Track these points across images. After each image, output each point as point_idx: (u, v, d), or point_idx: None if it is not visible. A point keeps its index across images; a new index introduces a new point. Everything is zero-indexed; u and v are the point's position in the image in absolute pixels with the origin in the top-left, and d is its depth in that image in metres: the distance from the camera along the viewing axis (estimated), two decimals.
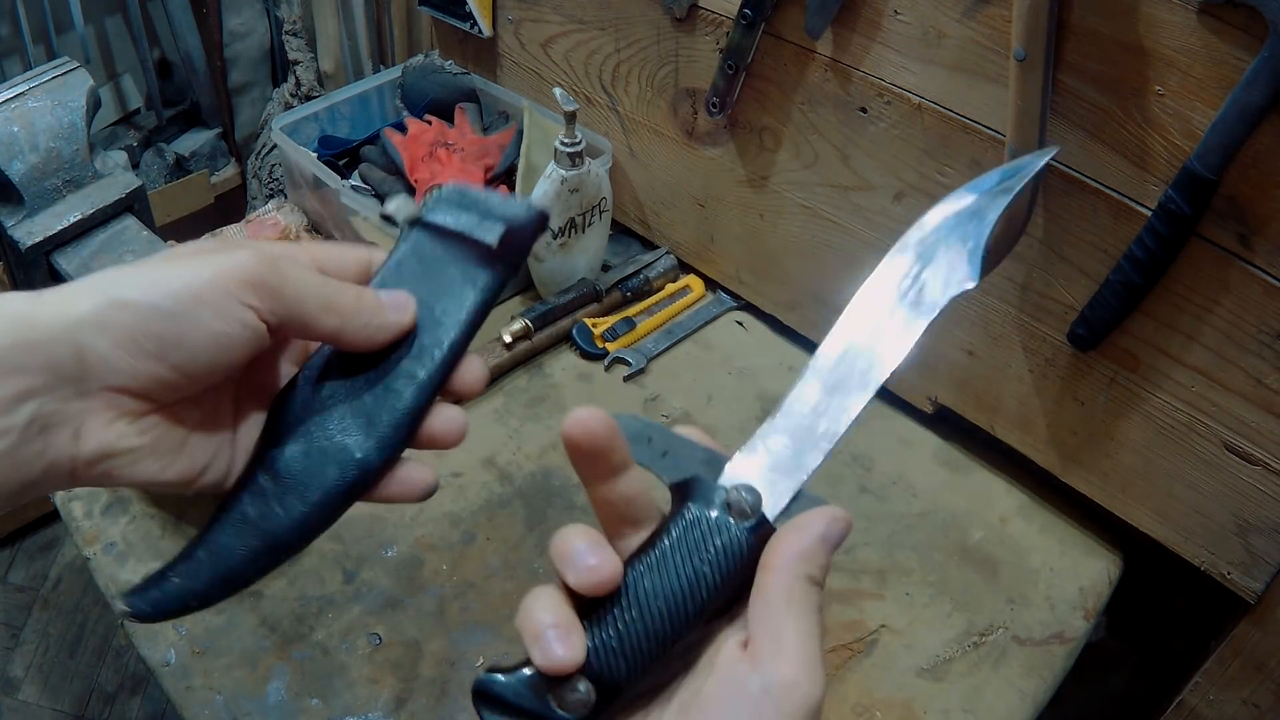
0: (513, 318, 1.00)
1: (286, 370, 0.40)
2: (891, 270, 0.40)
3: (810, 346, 1.03)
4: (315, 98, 1.51)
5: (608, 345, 1.03)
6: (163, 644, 0.76)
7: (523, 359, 1.01)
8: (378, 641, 0.77)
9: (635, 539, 0.38)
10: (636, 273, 1.09)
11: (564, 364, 1.03)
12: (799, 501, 0.38)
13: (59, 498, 0.87)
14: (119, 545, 0.83)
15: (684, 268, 1.12)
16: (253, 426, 0.39)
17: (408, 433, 0.39)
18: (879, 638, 0.80)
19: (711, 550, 0.35)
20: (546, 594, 0.35)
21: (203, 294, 0.33)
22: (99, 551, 0.83)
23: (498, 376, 1.00)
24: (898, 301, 0.39)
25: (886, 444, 0.96)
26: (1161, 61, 0.64)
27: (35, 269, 0.82)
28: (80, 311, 0.32)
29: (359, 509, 0.39)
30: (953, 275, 0.39)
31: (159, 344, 0.33)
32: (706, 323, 1.08)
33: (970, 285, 0.39)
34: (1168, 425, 0.76)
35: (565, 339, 1.04)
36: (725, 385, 1.01)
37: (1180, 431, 0.76)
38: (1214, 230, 0.66)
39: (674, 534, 0.36)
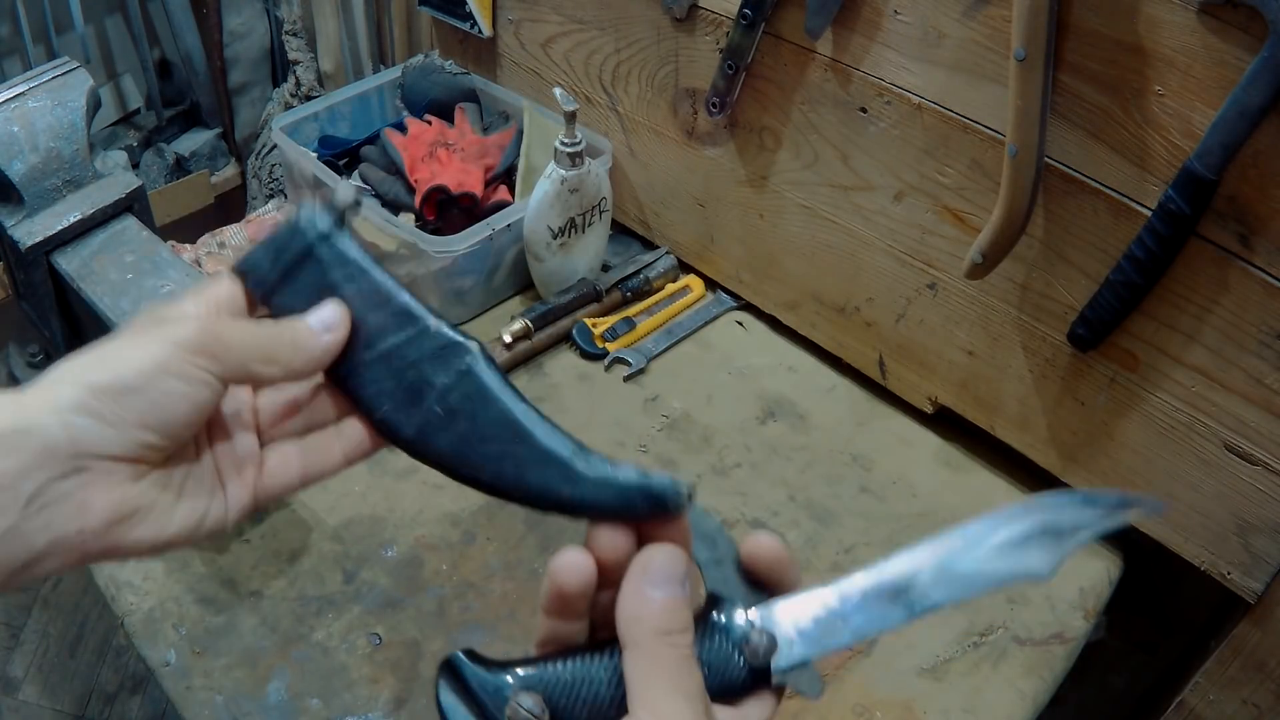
0: (513, 318, 1.00)
1: (232, 405, 0.43)
2: (1002, 526, 0.39)
3: (810, 346, 1.04)
4: (315, 98, 1.51)
5: (608, 345, 1.03)
6: (163, 644, 0.76)
7: (523, 359, 1.01)
8: (378, 641, 0.77)
9: None
10: (636, 273, 1.09)
11: (564, 364, 1.03)
12: (804, 671, 0.38)
13: None
14: None
15: (684, 268, 1.12)
16: (233, 463, 0.41)
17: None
18: (879, 638, 0.80)
19: (708, 669, 0.37)
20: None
21: (165, 366, 0.37)
22: None
23: None
24: (982, 555, 0.39)
25: (886, 444, 0.96)
26: (1161, 61, 0.64)
27: (35, 269, 0.82)
28: (62, 400, 0.35)
29: (359, 509, 0.40)
30: (1030, 559, 0.39)
31: (140, 414, 0.36)
32: (706, 323, 1.08)
33: (1041, 576, 0.39)
34: (1168, 425, 0.76)
35: (565, 339, 1.04)
36: (725, 385, 1.01)
37: (1180, 431, 0.76)
38: (1214, 230, 0.66)
39: None
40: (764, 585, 0.40)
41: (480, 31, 1.15)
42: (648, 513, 0.38)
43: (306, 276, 0.41)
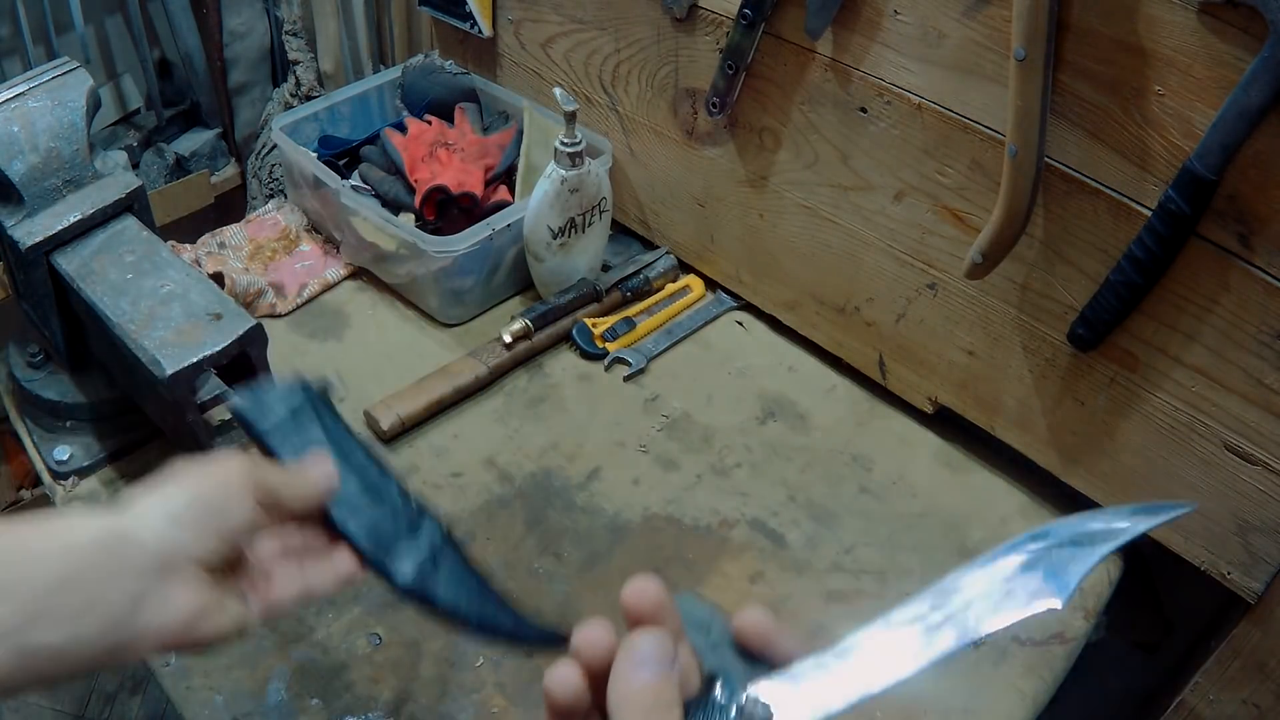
0: (513, 318, 1.00)
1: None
2: (1012, 556, 0.39)
3: (810, 346, 1.04)
4: (315, 98, 1.50)
5: (608, 345, 1.03)
6: None
7: (523, 359, 1.01)
8: (378, 641, 0.77)
9: None
10: (636, 273, 1.09)
11: (564, 364, 1.03)
12: None
13: (59, 497, 0.87)
14: None
15: (684, 268, 1.12)
16: (249, 579, 0.51)
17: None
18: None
19: None
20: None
21: (233, 490, 0.48)
22: None
23: (498, 376, 1.00)
24: (994, 593, 0.39)
25: (886, 444, 0.96)
26: (1161, 61, 0.64)
27: (35, 269, 0.82)
28: (155, 515, 0.46)
29: None
30: (1044, 587, 0.39)
31: (215, 526, 0.47)
32: (706, 323, 1.08)
33: (1056, 605, 0.39)
34: (1168, 425, 0.76)
35: (565, 339, 1.04)
36: (725, 385, 1.01)
37: (1180, 431, 0.76)
38: (1214, 230, 0.66)
39: (688, 714, 0.37)
40: (760, 659, 0.40)
41: (480, 31, 1.15)
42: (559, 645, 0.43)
43: (295, 432, 0.53)
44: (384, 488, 0.53)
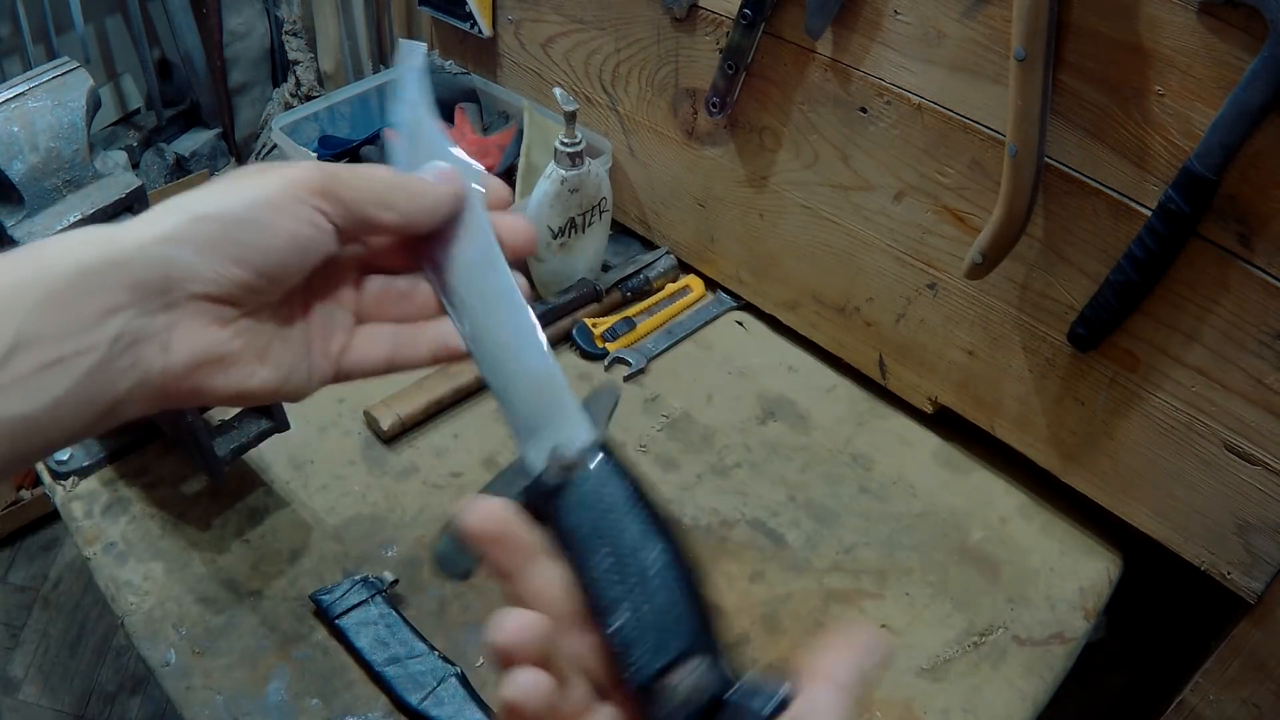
0: None
1: (347, 282, 0.41)
2: None
3: (810, 346, 1.04)
4: (315, 98, 1.51)
5: (608, 345, 1.03)
6: (163, 644, 0.76)
7: None
8: None
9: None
10: (636, 273, 1.09)
11: (564, 364, 1.02)
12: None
13: (59, 497, 0.87)
14: (119, 545, 0.83)
15: (684, 268, 1.12)
16: (323, 331, 0.40)
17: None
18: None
19: None
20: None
21: (276, 201, 0.36)
22: (99, 551, 0.83)
23: None
24: None
25: (886, 444, 0.96)
26: (1161, 61, 0.64)
27: None
28: (164, 228, 0.34)
29: (359, 509, 0.40)
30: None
31: (241, 249, 0.35)
32: (706, 323, 1.08)
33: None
34: (1168, 425, 0.76)
35: (565, 339, 1.04)
36: (725, 385, 1.01)
37: (1180, 431, 0.76)
38: (1214, 230, 0.66)
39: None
40: None
41: (480, 31, 1.15)
42: None
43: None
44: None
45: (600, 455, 0.36)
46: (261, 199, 0.35)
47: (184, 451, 0.88)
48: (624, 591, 0.33)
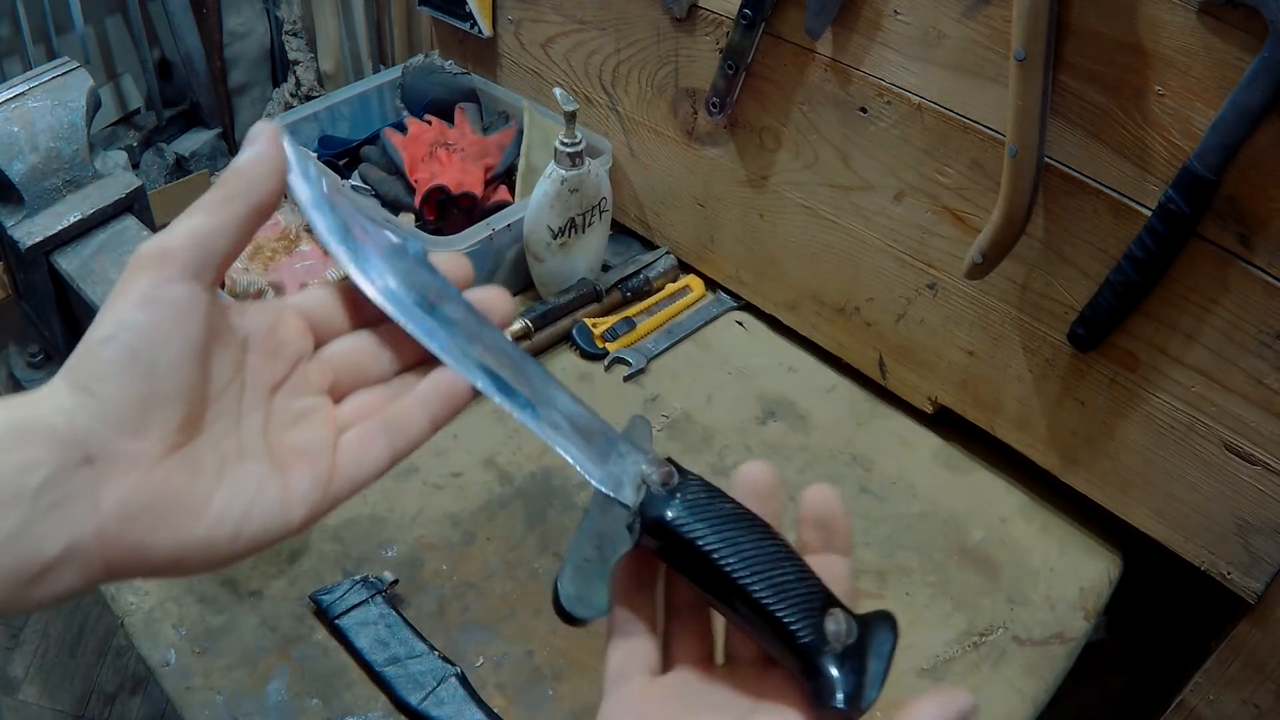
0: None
1: (278, 350, 0.37)
2: None
3: (810, 346, 1.04)
4: (315, 98, 1.51)
5: (608, 345, 1.03)
6: (163, 644, 0.76)
7: None
8: None
9: None
10: (636, 273, 1.09)
11: (564, 364, 1.03)
12: None
13: None
14: None
15: (684, 268, 1.12)
16: (279, 429, 0.36)
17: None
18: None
19: None
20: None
21: (125, 299, 0.32)
22: None
23: None
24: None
25: (886, 444, 0.96)
26: (1161, 61, 0.64)
27: (35, 269, 0.82)
28: (58, 385, 0.31)
29: (358, 509, 0.40)
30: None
31: (120, 369, 0.31)
32: (706, 323, 1.08)
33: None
34: (1168, 425, 0.76)
35: (565, 339, 1.04)
36: (725, 385, 1.01)
37: (1180, 431, 0.76)
38: (1214, 230, 0.66)
39: None
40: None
41: (480, 31, 1.15)
42: None
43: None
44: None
45: (677, 471, 0.40)
46: (115, 310, 0.32)
47: None
48: (764, 572, 0.38)
